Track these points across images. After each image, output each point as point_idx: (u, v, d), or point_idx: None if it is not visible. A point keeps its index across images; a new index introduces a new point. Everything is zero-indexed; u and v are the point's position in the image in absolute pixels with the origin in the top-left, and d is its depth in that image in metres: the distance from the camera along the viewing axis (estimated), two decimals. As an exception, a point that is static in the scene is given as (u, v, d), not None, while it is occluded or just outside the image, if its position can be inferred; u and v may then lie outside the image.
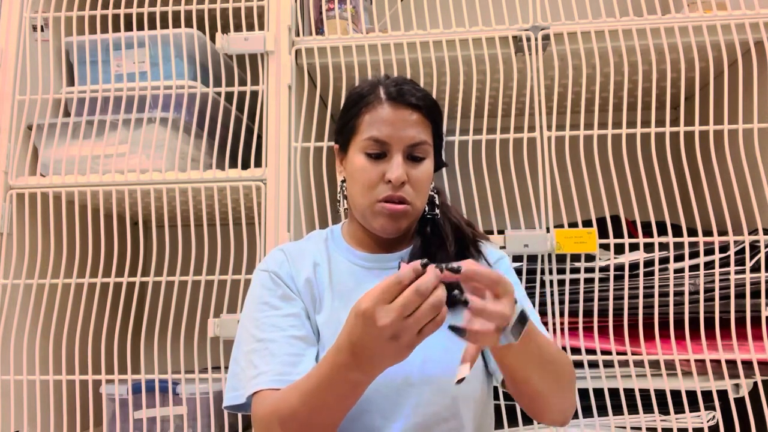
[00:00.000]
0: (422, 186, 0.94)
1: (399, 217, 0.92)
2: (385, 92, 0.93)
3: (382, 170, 0.91)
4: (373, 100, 0.93)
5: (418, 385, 0.89)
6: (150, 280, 1.38)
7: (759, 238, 1.26)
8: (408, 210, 0.92)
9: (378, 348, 0.70)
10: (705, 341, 1.23)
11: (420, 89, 0.95)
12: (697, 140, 1.35)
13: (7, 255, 1.39)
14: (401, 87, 0.93)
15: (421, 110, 0.93)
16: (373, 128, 0.92)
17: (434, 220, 0.99)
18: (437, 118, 0.97)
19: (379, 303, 0.69)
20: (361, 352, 0.72)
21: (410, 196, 0.92)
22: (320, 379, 0.77)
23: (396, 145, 0.91)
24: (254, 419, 0.86)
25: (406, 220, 0.94)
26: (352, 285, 0.96)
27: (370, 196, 0.92)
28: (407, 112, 0.92)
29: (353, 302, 0.93)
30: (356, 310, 0.71)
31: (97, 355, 1.35)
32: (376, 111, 0.92)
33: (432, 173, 0.96)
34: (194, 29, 1.45)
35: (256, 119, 1.42)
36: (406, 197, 0.91)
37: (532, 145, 1.34)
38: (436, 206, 1.00)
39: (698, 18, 1.35)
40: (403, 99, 0.92)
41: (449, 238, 0.97)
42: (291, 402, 0.80)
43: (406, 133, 0.91)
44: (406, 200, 0.91)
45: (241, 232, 1.39)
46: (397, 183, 0.90)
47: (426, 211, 0.99)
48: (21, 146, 1.44)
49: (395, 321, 0.68)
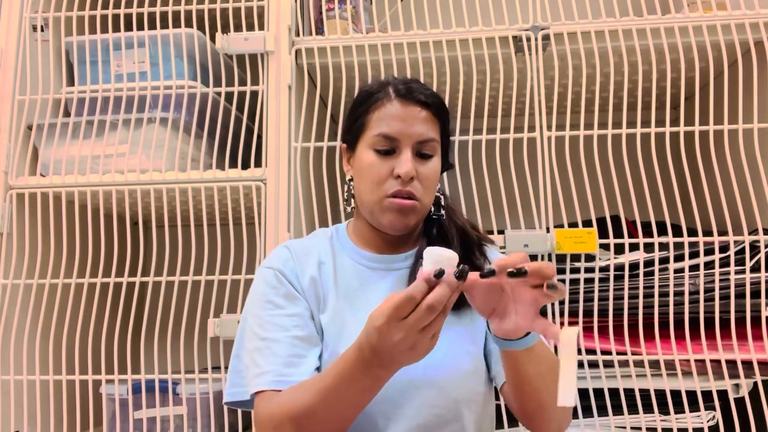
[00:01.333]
0: (430, 183, 0.94)
1: (407, 212, 0.92)
2: (394, 90, 0.94)
3: (391, 166, 0.92)
4: (382, 97, 0.95)
5: (422, 387, 0.89)
6: (150, 280, 1.38)
7: (759, 238, 1.26)
8: (416, 206, 0.92)
9: (396, 355, 0.73)
10: (705, 341, 1.23)
11: (428, 88, 0.96)
12: (697, 140, 1.35)
13: (7, 255, 1.39)
14: (410, 85, 0.95)
15: (429, 108, 0.94)
16: (382, 124, 0.93)
17: (440, 222, 1.00)
18: (445, 117, 0.97)
19: (392, 320, 0.70)
20: (380, 355, 0.74)
21: (418, 192, 0.92)
22: (341, 375, 0.78)
23: (405, 141, 0.92)
24: (257, 418, 0.86)
25: (415, 216, 0.94)
26: (357, 285, 0.96)
27: (378, 191, 0.92)
28: (416, 109, 0.93)
29: (358, 302, 0.94)
30: (371, 324, 0.73)
31: (97, 355, 1.35)
32: (385, 108, 0.94)
33: (439, 172, 0.97)
34: (194, 29, 1.45)
35: (256, 119, 1.42)
36: (415, 193, 0.92)
37: (532, 145, 1.34)
38: (442, 207, 1.00)
39: (698, 18, 1.35)
40: (413, 96, 0.93)
41: (454, 241, 0.97)
42: (306, 400, 0.81)
43: (415, 130, 0.92)
44: (415, 196, 0.92)
45: (241, 232, 1.39)
46: (406, 178, 0.90)
47: (432, 212, 0.99)
48: (21, 146, 1.44)
49: (409, 336, 0.70)
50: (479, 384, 0.94)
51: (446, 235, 0.98)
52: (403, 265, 0.98)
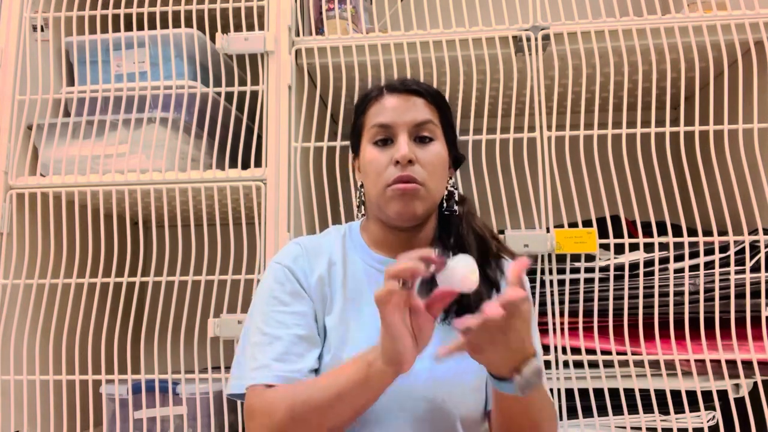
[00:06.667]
0: (433, 167, 0.93)
1: (411, 197, 0.91)
2: (387, 86, 0.98)
3: (390, 155, 0.92)
4: (376, 95, 0.98)
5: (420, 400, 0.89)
6: (150, 280, 1.38)
7: (759, 238, 1.26)
8: (419, 189, 0.91)
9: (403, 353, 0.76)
10: (705, 341, 1.23)
11: (422, 82, 0.99)
12: (697, 140, 1.35)
13: (7, 255, 1.39)
14: (404, 80, 0.98)
15: (422, 95, 0.96)
16: (378, 116, 0.95)
17: (457, 228, 0.98)
18: (442, 105, 0.99)
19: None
20: None
21: (420, 175, 0.91)
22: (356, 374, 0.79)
23: (400, 127, 0.93)
24: (248, 409, 0.87)
25: (421, 202, 0.92)
26: (366, 288, 0.95)
27: (381, 182, 0.92)
28: (410, 97, 0.96)
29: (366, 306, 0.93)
30: None
31: (97, 355, 1.35)
32: (379, 102, 0.96)
33: (443, 158, 0.96)
34: (194, 29, 1.45)
35: (256, 119, 1.42)
36: (416, 176, 0.91)
37: (532, 145, 1.34)
38: (456, 204, 0.99)
39: (698, 18, 1.35)
40: (405, 86, 0.97)
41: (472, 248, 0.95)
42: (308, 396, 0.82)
43: (409, 114, 0.94)
44: (416, 180, 0.91)
45: (241, 232, 1.39)
46: (404, 161, 0.90)
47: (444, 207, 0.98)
48: (21, 146, 1.44)
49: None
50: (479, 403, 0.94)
51: (463, 243, 0.96)
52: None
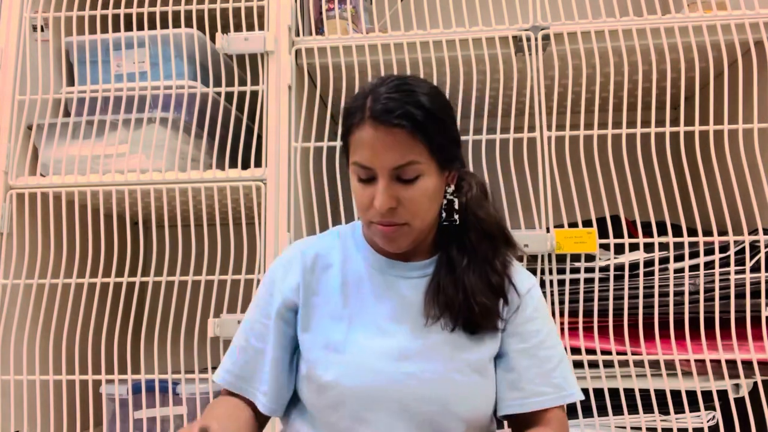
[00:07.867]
0: (417, 206, 0.86)
1: (395, 237, 0.88)
2: (370, 109, 0.84)
3: (372, 194, 0.86)
4: (358, 119, 0.86)
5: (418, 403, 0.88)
6: (150, 280, 1.38)
7: (759, 238, 1.26)
8: (403, 229, 0.87)
9: None
10: (705, 341, 1.23)
11: (411, 100, 0.84)
12: (697, 140, 1.35)
13: (7, 255, 1.39)
14: (387, 103, 0.83)
15: (405, 127, 0.82)
16: (357, 153, 0.86)
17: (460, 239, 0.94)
18: (431, 130, 0.84)
19: None
20: None
21: (403, 218, 0.86)
22: None
23: (380, 170, 0.84)
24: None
25: (405, 237, 0.88)
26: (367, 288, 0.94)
27: (365, 216, 0.89)
28: (390, 133, 0.83)
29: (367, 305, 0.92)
30: None
31: (97, 355, 1.35)
32: (359, 131, 0.85)
33: (433, 189, 0.87)
34: (194, 29, 1.45)
35: (256, 119, 1.42)
36: (398, 221, 0.86)
37: (532, 145, 1.34)
38: (456, 212, 0.94)
39: (698, 18, 1.35)
40: (386, 119, 0.83)
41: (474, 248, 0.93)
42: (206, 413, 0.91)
43: (388, 157, 0.83)
44: (398, 223, 0.87)
45: (241, 232, 1.39)
46: (382, 210, 0.85)
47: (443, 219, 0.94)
48: (21, 146, 1.44)
49: None
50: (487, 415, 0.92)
51: (464, 245, 0.93)
52: (418, 274, 0.94)
